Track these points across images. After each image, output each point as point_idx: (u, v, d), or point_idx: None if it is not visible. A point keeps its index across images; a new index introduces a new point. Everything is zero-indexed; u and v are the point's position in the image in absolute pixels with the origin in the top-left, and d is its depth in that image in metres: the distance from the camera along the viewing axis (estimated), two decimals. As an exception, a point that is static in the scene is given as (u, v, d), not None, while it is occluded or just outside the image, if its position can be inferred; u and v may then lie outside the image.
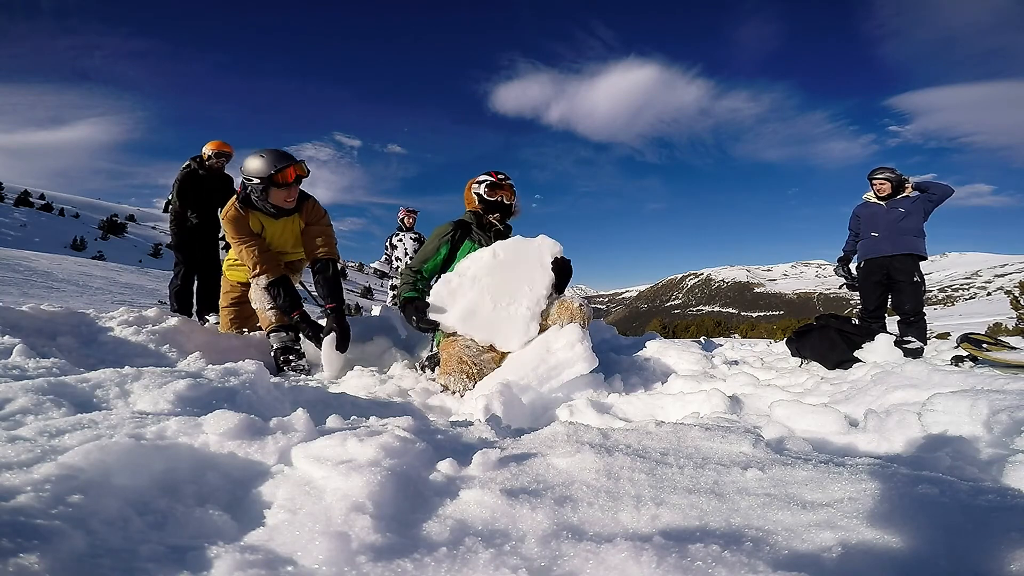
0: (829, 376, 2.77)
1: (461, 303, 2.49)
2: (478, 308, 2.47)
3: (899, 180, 4.03)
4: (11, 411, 1.03)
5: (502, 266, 2.54)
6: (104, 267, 12.03)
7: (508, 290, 2.50)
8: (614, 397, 2.27)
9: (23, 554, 0.54)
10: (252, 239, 2.83)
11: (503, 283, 2.51)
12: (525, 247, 2.59)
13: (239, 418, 0.97)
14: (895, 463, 1.03)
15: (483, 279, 2.51)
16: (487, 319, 2.44)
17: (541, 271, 2.53)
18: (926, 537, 0.69)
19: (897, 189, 4.05)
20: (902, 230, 3.98)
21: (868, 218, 4.17)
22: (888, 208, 4.06)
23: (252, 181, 2.73)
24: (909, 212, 3.99)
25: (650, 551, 0.62)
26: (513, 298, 2.48)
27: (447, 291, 2.53)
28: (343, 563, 0.62)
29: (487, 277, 2.51)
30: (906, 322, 3.87)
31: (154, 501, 0.75)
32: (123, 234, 38.92)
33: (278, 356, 2.80)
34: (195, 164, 4.43)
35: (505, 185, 2.96)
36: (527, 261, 2.55)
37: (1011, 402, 1.43)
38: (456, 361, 2.43)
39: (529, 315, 2.45)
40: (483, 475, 0.90)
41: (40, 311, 2.56)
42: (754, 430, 1.29)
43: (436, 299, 2.55)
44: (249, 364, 1.62)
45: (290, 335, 2.85)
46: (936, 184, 4.07)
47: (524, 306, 2.46)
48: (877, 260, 4.08)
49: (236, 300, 3.24)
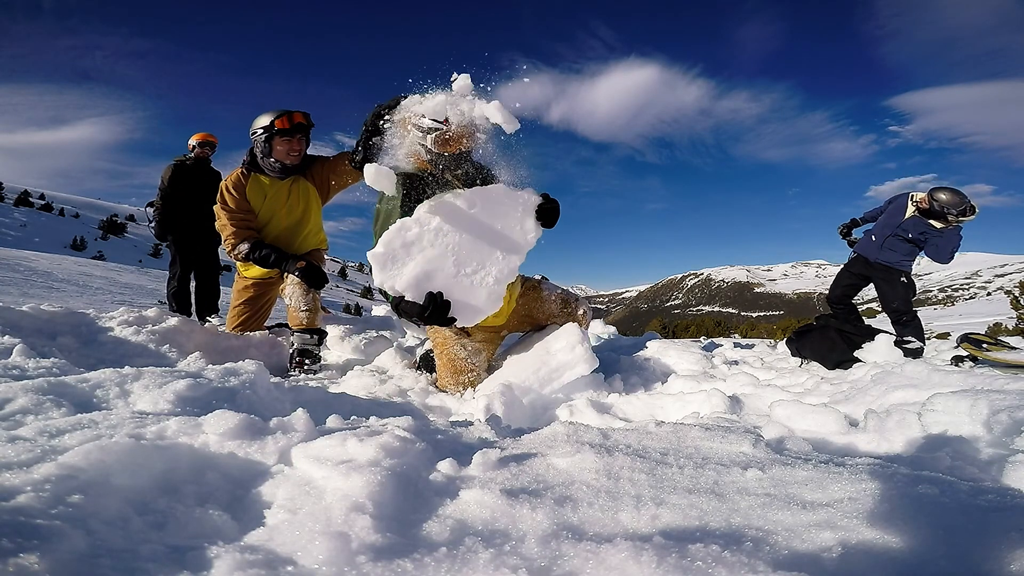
0: (829, 376, 2.77)
1: (417, 262, 1.93)
2: (436, 272, 1.94)
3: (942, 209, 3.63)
4: (11, 411, 1.03)
5: (475, 221, 1.98)
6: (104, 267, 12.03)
7: (477, 252, 1.98)
8: (614, 397, 2.27)
9: (23, 554, 0.54)
10: (238, 212, 2.75)
11: (473, 243, 1.97)
12: (509, 201, 2.04)
13: (239, 418, 0.97)
14: (895, 463, 1.03)
15: (449, 234, 1.95)
16: (444, 286, 1.94)
17: (520, 234, 2.03)
18: (926, 537, 0.69)
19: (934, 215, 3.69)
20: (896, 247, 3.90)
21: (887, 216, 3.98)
22: (903, 224, 3.85)
23: (257, 135, 2.69)
24: (915, 240, 3.81)
25: (650, 551, 0.62)
26: (481, 264, 1.99)
27: (401, 243, 1.93)
28: (343, 563, 0.62)
29: (455, 233, 1.96)
30: (899, 322, 3.81)
31: (154, 501, 0.75)
32: (123, 234, 38.92)
33: (294, 356, 2.74)
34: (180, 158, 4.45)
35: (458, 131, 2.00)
36: (506, 218, 2.02)
37: (1011, 402, 1.43)
38: (451, 373, 2.38)
39: (496, 288, 2.00)
40: (483, 475, 0.90)
41: (40, 311, 2.56)
42: (754, 430, 1.29)
43: (386, 251, 1.92)
44: (249, 364, 1.62)
45: (314, 338, 2.76)
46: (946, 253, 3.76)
47: (492, 276, 1.99)
48: (865, 260, 4.05)
49: (249, 299, 3.11)
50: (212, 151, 4.54)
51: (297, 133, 2.71)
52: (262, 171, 2.79)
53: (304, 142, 2.78)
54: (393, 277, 1.93)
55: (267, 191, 2.81)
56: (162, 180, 4.41)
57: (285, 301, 2.87)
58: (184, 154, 4.50)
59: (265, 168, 2.78)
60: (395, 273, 1.93)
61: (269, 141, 2.69)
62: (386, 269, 1.92)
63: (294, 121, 2.69)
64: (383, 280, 1.93)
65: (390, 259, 1.92)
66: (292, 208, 2.90)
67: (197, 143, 4.46)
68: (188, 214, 4.39)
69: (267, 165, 2.76)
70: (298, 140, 2.72)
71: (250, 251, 2.75)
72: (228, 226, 2.77)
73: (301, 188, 2.90)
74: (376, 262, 1.92)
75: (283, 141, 2.68)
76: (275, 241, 2.89)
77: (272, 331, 3.20)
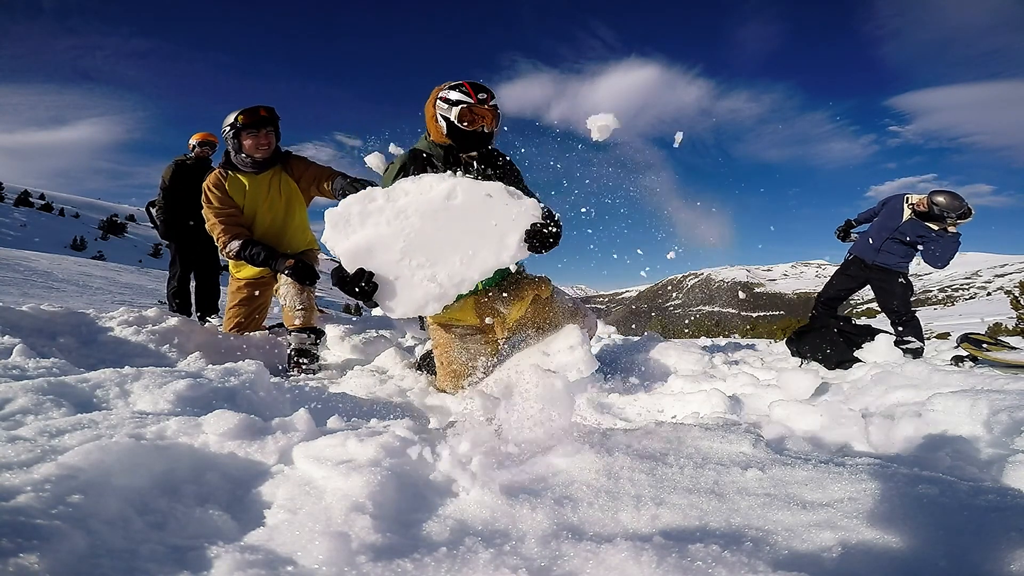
0: (829, 376, 2.77)
1: (366, 233, 1.79)
2: (379, 251, 1.79)
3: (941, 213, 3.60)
4: (11, 411, 1.03)
5: (446, 214, 1.79)
6: (104, 267, 12.03)
7: (431, 248, 1.80)
8: (614, 397, 2.27)
9: (23, 554, 0.54)
10: (224, 210, 2.83)
11: (431, 236, 1.79)
12: (501, 207, 1.79)
13: (239, 418, 0.97)
14: (895, 463, 1.03)
15: (413, 219, 1.78)
16: (381, 268, 1.79)
17: (495, 249, 1.80)
18: (926, 537, 0.69)
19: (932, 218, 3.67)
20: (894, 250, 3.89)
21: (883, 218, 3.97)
22: (900, 227, 3.85)
23: (227, 133, 2.81)
24: (913, 243, 3.80)
25: (650, 551, 0.62)
26: (432, 262, 1.80)
27: (359, 210, 1.79)
28: (343, 563, 0.62)
29: (420, 220, 1.78)
30: (898, 322, 3.82)
31: (154, 501, 0.75)
32: (123, 234, 38.91)
33: (292, 356, 2.76)
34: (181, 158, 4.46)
35: (487, 108, 2.11)
36: (487, 224, 1.80)
37: (1011, 402, 1.43)
38: (451, 377, 2.38)
39: (440, 292, 1.80)
40: (483, 475, 0.90)
41: (40, 311, 2.56)
42: (754, 430, 1.29)
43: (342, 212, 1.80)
44: (249, 364, 1.62)
45: (311, 337, 2.79)
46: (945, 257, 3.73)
47: (439, 279, 1.80)
48: (862, 262, 4.05)
49: (243, 300, 3.13)
50: (213, 151, 4.55)
51: (262, 127, 2.81)
52: (238, 168, 2.89)
53: (272, 135, 2.87)
54: (337, 240, 1.79)
55: (246, 187, 2.90)
56: (163, 180, 4.41)
57: (280, 302, 2.88)
58: (185, 154, 4.51)
59: (239, 164, 2.87)
60: (340, 237, 1.79)
61: (237, 137, 2.80)
62: (335, 229, 1.80)
63: (257, 115, 2.80)
64: (327, 239, 1.81)
65: (343, 221, 1.79)
66: (274, 202, 2.97)
67: (197, 143, 4.47)
68: (188, 214, 4.38)
69: (240, 161, 2.87)
70: (265, 134, 2.82)
71: (240, 248, 2.79)
72: (217, 225, 2.83)
73: (282, 181, 2.97)
74: (329, 220, 1.82)
75: (250, 135, 2.79)
76: (263, 237, 2.93)
77: (272, 331, 3.20)
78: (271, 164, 2.90)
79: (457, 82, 2.17)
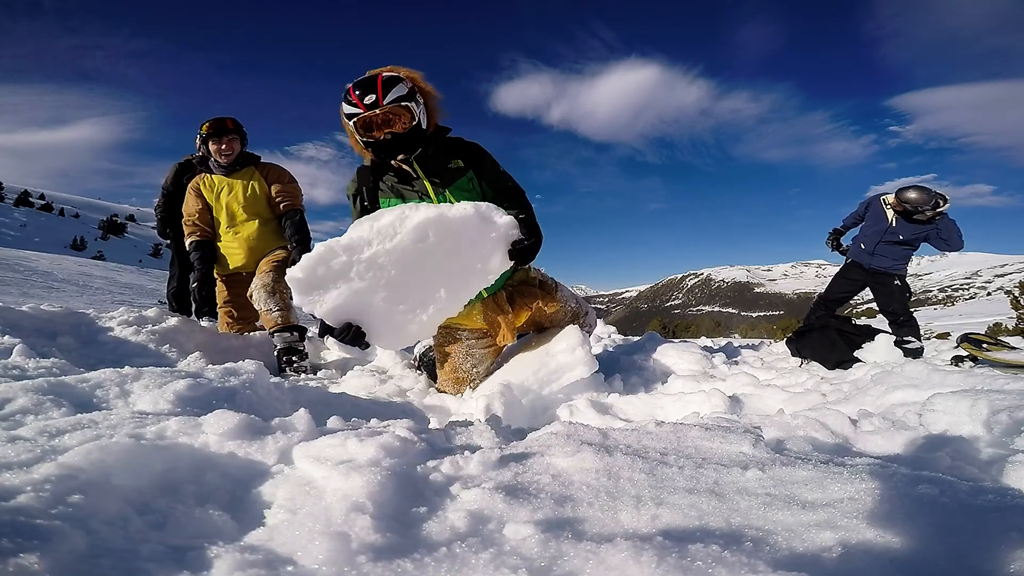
0: (829, 376, 2.77)
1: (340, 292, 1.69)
2: (360, 305, 1.72)
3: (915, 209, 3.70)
4: (11, 411, 1.03)
5: (425, 256, 1.70)
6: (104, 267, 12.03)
7: (414, 292, 1.74)
8: (614, 397, 2.27)
9: (23, 554, 0.54)
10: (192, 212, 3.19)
11: (414, 282, 1.72)
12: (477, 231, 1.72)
13: (239, 418, 0.97)
14: (895, 463, 1.03)
15: (389, 271, 1.68)
16: (367, 317, 1.74)
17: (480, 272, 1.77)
18: (926, 537, 0.69)
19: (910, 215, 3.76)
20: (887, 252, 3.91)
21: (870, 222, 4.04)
22: (889, 228, 3.90)
23: (198, 140, 3.29)
24: (906, 241, 3.85)
25: (650, 551, 0.62)
26: (421, 303, 1.76)
27: (324, 271, 1.68)
28: (343, 563, 0.62)
29: (398, 270, 1.69)
30: (896, 323, 3.84)
31: (154, 501, 0.75)
32: (123, 234, 38.92)
33: (281, 356, 2.80)
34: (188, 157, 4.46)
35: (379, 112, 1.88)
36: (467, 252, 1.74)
37: (1011, 402, 1.43)
38: (452, 381, 2.39)
39: (429, 320, 1.81)
40: (483, 475, 0.90)
41: (40, 311, 2.56)
42: (754, 430, 1.29)
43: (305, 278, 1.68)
44: (249, 364, 1.62)
45: (294, 335, 2.86)
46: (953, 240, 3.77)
47: (428, 313, 1.77)
48: (860, 266, 4.07)
49: (226, 300, 3.28)
50: None
51: (224, 135, 3.12)
52: (212, 170, 3.25)
53: (236, 142, 3.17)
54: (312, 304, 1.72)
55: (216, 186, 3.23)
56: (166, 179, 4.41)
57: (256, 306, 2.93)
58: (191, 153, 4.50)
59: (212, 167, 3.23)
60: (315, 301, 1.71)
61: (205, 143, 3.17)
62: (305, 295, 1.71)
63: (223, 125, 3.14)
64: (302, 304, 1.74)
65: (309, 286, 1.69)
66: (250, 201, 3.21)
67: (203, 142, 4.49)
68: None
69: (211, 164, 3.24)
70: (227, 141, 3.13)
71: (190, 247, 3.21)
72: (186, 225, 3.24)
73: (252, 179, 3.23)
74: (294, 287, 1.70)
75: (214, 142, 3.12)
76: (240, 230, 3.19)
77: None
78: (241, 166, 3.21)
79: (345, 88, 1.96)
